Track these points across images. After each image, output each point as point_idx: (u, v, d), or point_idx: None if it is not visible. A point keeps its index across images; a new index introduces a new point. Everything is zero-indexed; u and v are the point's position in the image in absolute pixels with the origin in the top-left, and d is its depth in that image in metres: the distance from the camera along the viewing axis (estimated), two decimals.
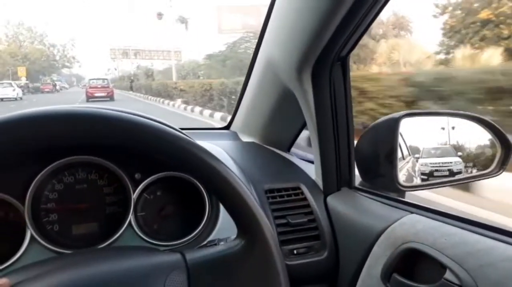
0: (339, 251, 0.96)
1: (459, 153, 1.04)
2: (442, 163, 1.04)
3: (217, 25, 30.97)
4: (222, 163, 0.58)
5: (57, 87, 44.28)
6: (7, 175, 0.78)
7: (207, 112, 13.56)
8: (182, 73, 31.86)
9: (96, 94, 21.70)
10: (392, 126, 0.98)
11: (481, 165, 1.06)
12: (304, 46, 0.90)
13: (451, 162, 1.04)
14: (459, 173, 1.04)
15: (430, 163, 1.05)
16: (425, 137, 1.08)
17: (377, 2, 0.77)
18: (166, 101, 20.01)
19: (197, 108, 14.94)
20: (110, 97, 22.09)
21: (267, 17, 1.08)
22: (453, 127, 1.07)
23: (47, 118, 0.51)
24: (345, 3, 0.76)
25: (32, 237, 0.79)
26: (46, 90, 38.85)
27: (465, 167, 1.06)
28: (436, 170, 1.04)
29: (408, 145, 1.05)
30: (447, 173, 1.04)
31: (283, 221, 0.97)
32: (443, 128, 1.07)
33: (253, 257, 0.59)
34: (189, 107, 15.87)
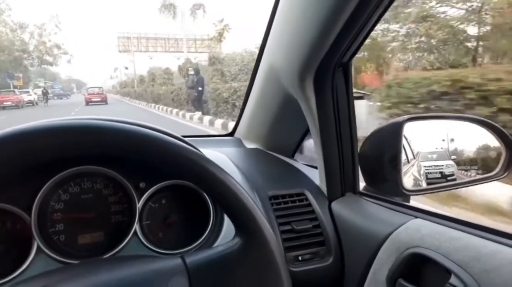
0: (344, 257, 0.96)
1: (453, 157, 1.04)
2: (434, 165, 1.05)
3: None
4: (214, 163, 0.59)
5: (48, 96, 28.78)
6: (14, 187, 0.79)
7: None
8: (232, 71, 15.84)
9: (93, 99, 26.41)
10: (395, 131, 0.98)
11: (486, 167, 1.06)
12: (306, 53, 0.91)
13: (442, 165, 1.05)
14: (451, 175, 1.04)
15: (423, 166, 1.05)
16: (428, 142, 1.08)
17: (378, 8, 0.78)
18: None
19: None
20: (105, 101, 27.00)
21: (269, 24, 1.09)
22: (457, 131, 1.07)
23: (52, 131, 0.52)
24: (346, 10, 0.76)
25: (38, 247, 0.79)
26: (7, 103, 23.23)
27: (470, 169, 1.06)
28: (429, 173, 1.05)
29: (412, 148, 1.06)
30: (439, 175, 1.05)
31: (287, 227, 0.97)
32: (446, 132, 1.07)
33: (252, 255, 0.59)
34: None
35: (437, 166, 1.05)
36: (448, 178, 1.05)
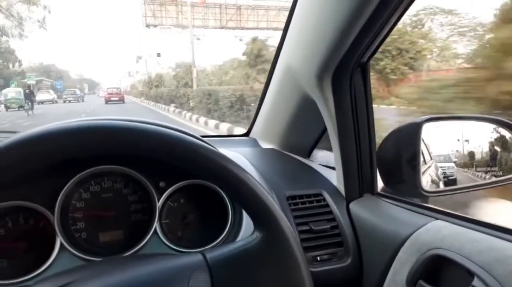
0: (362, 258, 0.96)
1: (455, 160, 1.07)
2: (440, 167, 1.08)
3: None
4: (229, 159, 0.59)
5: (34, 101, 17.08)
6: (37, 185, 0.80)
7: None
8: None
9: (112, 98, 27.02)
10: (414, 131, 0.97)
11: (507, 169, 1.04)
12: (324, 54, 0.90)
13: (445, 167, 1.08)
14: (452, 175, 1.07)
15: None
16: (446, 142, 1.08)
17: (399, 8, 0.78)
18: None
19: None
20: (122, 100, 27.32)
21: (287, 24, 1.09)
22: (476, 132, 1.06)
23: (74, 132, 0.53)
24: (366, 10, 0.76)
25: (61, 245, 0.81)
26: None
27: (489, 171, 1.05)
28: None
29: (429, 149, 1.05)
30: (443, 176, 1.09)
31: (305, 227, 0.97)
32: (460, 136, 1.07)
33: (272, 249, 0.60)
34: None
35: (442, 167, 1.08)
36: (450, 178, 1.07)
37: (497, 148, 1.07)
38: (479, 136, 1.07)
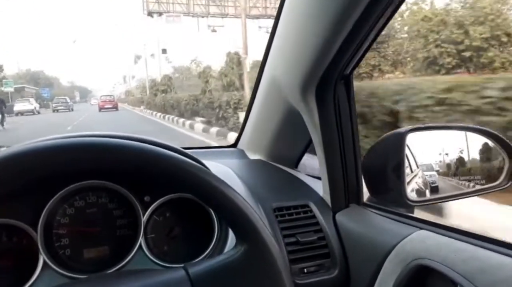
0: (349, 269, 0.96)
1: (437, 169, 1.10)
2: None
3: None
4: (209, 172, 0.60)
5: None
6: (20, 202, 0.79)
7: None
8: None
9: (106, 106, 28.26)
10: (398, 141, 0.98)
11: (490, 177, 1.06)
12: (307, 66, 0.91)
13: (427, 175, 1.10)
14: (434, 183, 1.09)
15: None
16: (430, 152, 1.09)
17: (379, 21, 0.79)
18: None
19: None
20: (115, 108, 28.73)
21: (271, 36, 1.10)
22: (459, 141, 1.08)
23: (56, 150, 0.53)
24: (348, 23, 0.77)
25: (45, 262, 0.79)
26: None
27: (473, 180, 1.06)
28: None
29: (416, 159, 1.06)
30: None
31: (292, 239, 0.97)
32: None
33: (254, 262, 0.60)
34: None
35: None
36: (432, 185, 1.09)
37: (479, 157, 1.09)
38: (462, 145, 1.09)
